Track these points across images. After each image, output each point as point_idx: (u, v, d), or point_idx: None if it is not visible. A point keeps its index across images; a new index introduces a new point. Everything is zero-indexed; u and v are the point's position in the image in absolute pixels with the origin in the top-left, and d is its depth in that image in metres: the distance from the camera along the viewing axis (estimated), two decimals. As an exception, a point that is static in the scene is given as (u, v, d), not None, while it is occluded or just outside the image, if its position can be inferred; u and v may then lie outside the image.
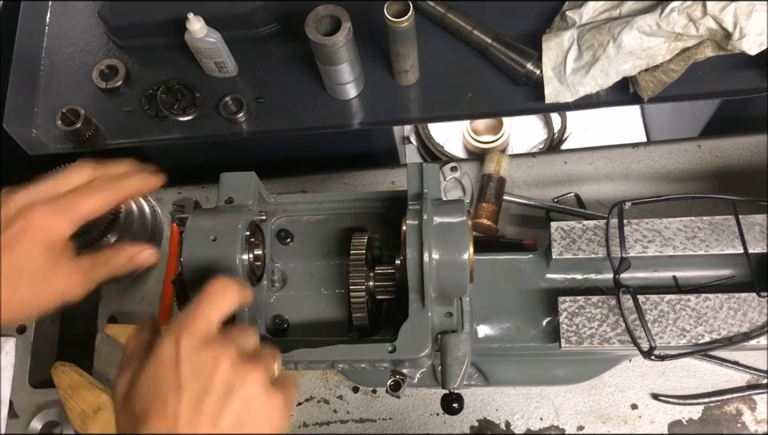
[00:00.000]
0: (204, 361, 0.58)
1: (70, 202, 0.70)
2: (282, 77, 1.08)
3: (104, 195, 0.72)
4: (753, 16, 0.89)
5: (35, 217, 0.67)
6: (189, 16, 0.97)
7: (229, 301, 0.64)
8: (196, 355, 0.58)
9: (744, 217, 0.88)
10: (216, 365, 0.58)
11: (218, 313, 0.62)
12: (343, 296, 0.84)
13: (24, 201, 0.69)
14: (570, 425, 1.00)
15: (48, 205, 0.69)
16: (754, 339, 0.84)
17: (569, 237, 0.91)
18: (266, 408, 0.59)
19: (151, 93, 1.08)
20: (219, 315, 0.63)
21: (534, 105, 1.02)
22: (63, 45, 1.15)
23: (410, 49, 0.98)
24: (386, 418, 1.03)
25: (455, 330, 0.79)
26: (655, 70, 0.96)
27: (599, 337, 0.87)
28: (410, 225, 0.74)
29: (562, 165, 1.15)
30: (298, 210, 0.87)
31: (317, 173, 1.20)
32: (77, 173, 0.73)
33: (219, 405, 0.56)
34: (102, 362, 1.12)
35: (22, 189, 0.70)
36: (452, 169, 1.15)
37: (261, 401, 0.59)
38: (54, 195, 0.70)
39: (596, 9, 0.99)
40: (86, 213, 0.70)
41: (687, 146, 1.13)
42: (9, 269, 0.65)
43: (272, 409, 0.59)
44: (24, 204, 0.68)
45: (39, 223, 0.67)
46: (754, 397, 0.97)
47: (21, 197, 0.69)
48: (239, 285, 0.65)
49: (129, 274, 1.13)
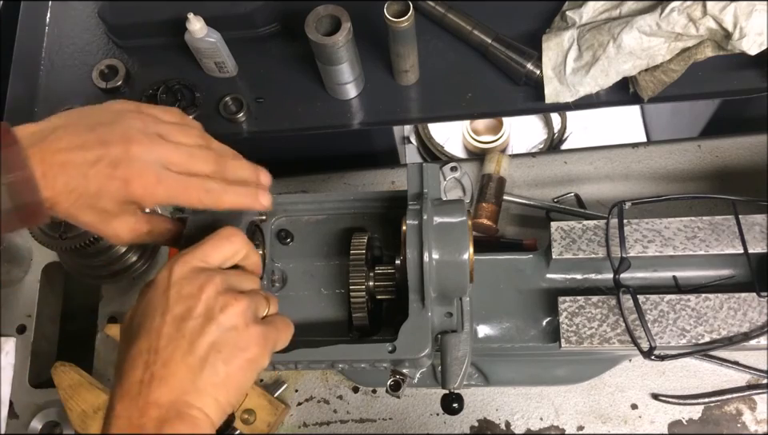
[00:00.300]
0: (191, 287, 0.61)
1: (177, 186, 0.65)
2: (282, 77, 1.08)
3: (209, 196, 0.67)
4: (753, 16, 0.89)
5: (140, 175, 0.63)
6: (189, 16, 0.97)
7: (230, 246, 0.67)
8: (185, 281, 0.62)
9: (744, 217, 0.88)
10: (200, 293, 0.61)
11: (216, 254, 0.65)
12: (343, 296, 0.84)
13: (157, 156, 0.64)
14: (570, 424, 1.00)
15: (162, 175, 0.64)
16: (753, 339, 0.84)
17: (569, 237, 0.91)
18: (242, 338, 0.62)
19: (151, 93, 1.08)
20: (218, 256, 0.66)
21: (534, 105, 1.02)
22: (63, 45, 1.16)
23: (410, 49, 0.98)
24: (385, 418, 1.03)
25: (455, 330, 0.79)
26: (655, 70, 0.96)
27: (599, 337, 0.87)
28: (409, 225, 0.74)
29: (561, 165, 1.15)
30: (298, 210, 0.87)
31: (317, 173, 1.20)
32: (203, 157, 0.68)
33: (198, 329, 0.60)
34: (102, 362, 1.12)
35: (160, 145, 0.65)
36: (452, 169, 1.15)
37: (238, 331, 0.61)
38: (171, 162, 0.65)
39: (596, 9, 0.99)
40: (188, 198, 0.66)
41: (687, 146, 1.13)
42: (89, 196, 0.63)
43: (248, 341, 0.62)
44: (155, 159, 0.64)
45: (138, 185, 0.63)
46: (754, 397, 0.97)
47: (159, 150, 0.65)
48: (243, 236, 0.68)
49: (128, 274, 1.13)
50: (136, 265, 1.13)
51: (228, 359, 0.60)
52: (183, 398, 0.58)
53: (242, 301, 0.63)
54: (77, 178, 0.61)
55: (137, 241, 0.71)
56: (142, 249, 1.13)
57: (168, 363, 0.58)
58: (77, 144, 0.62)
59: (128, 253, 1.11)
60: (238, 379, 0.61)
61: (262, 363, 0.64)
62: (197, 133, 0.70)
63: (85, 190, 0.62)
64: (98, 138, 0.62)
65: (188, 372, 0.59)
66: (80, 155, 0.61)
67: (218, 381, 0.60)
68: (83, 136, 0.62)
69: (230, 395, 0.61)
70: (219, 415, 0.60)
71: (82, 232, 1.00)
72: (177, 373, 0.58)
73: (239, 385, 0.62)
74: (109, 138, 0.62)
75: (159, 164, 0.64)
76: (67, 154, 0.61)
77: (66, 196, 0.62)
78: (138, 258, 1.13)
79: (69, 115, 0.65)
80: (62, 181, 0.61)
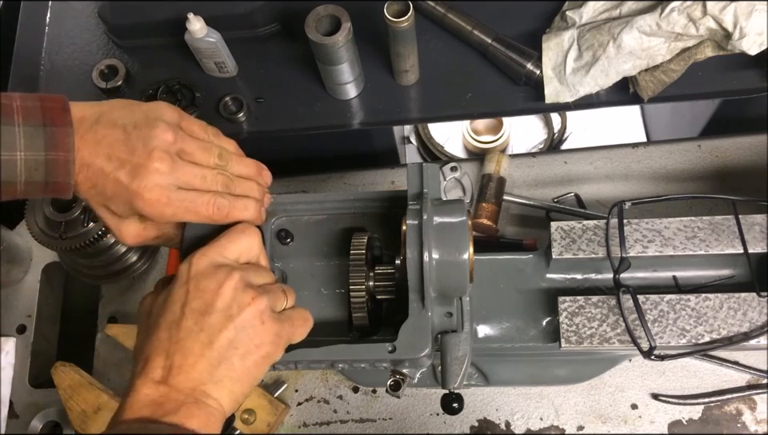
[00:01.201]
0: (209, 283, 0.64)
1: (186, 206, 0.67)
2: (282, 77, 1.08)
3: (218, 213, 0.70)
4: (753, 16, 0.89)
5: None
6: (189, 16, 0.97)
7: (247, 239, 0.70)
8: (204, 277, 0.65)
9: (744, 217, 0.88)
10: (219, 289, 0.64)
11: (233, 248, 0.69)
12: (343, 296, 0.84)
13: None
14: (570, 425, 1.00)
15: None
16: (753, 339, 0.84)
17: (569, 237, 0.91)
18: (258, 335, 0.65)
19: (151, 93, 1.08)
20: (235, 250, 0.69)
21: (534, 105, 1.02)
22: (63, 45, 1.15)
23: (410, 49, 0.98)
24: (386, 418, 1.03)
25: (455, 330, 0.79)
26: (655, 70, 0.96)
27: (599, 337, 0.87)
28: (409, 225, 0.74)
29: (562, 165, 1.15)
30: (298, 210, 0.87)
31: (317, 173, 1.20)
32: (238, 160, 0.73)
33: (217, 325, 0.63)
34: (102, 362, 1.12)
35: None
36: (452, 169, 1.15)
37: (255, 329, 0.65)
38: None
39: (596, 9, 0.99)
40: (197, 215, 0.69)
41: (687, 146, 1.13)
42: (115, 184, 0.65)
43: (263, 338, 0.65)
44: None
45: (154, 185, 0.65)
46: (754, 397, 0.97)
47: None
48: (256, 230, 0.72)
49: (128, 274, 1.13)
50: (136, 265, 1.13)
51: (244, 355, 0.64)
52: (201, 388, 0.62)
53: (259, 300, 0.65)
54: (98, 176, 0.65)
55: (143, 244, 0.74)
56: (142, 249, 1.13)
57: (188, 355, 0.62)
58: (108, 142, 0.65)
59: (128, 253, 1.11)
60: (253, 373, 0.65)
61: (275, 357, 0.67)
62: (225, 153, 0.72)
63: (102, 190, 0.66)
64: (127, 145, 0.65)
65: (207, 364, 0.62)
66: (107, 156, 0.65)
67: (234, 376, 0.63)
68: (116, 136, 0.65)
69: (244, 387, 0.65)
70: (232, 406, 0.64)
71: (82, 232, 1.00)
72: (196, 365, 0.62)
73: (253, 379, 0.66)
74: (136, 147, 0.65)
75: (173, 184, 0.67)
76: (98, 151, 0.65)
77: (87, 187, 0.66)
78: (138, 258, 1.13)
79: (114, 106, 0.68)
80: (86, 174, 0.65)
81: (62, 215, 1.01)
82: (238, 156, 0.74)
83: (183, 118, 0.70)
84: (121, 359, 1.11)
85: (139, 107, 0.68)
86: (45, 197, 0.66)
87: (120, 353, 1.11)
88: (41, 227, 1.01)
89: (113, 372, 1.11)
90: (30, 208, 1.03)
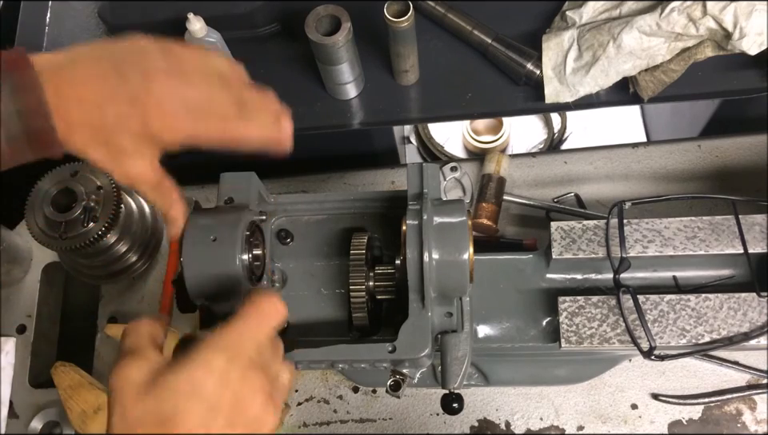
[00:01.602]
0: (245, 390, 0.58)
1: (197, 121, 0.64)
2: (282, 77, 1.08)
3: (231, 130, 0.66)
4: (753, 16, 0.89)
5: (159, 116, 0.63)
6: (189, 16, 0.97)
7: (276, 321, 0.62)
8: (240, 381, 0.57)
9: (744, 217, 0.88)
10: (254, 399, 0.58)
11: (265, 334, 0.61)
12: (343, 296, 0.84)
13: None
14: (570, 425, 1.00)
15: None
16: (753, 339, 0.84)
17: (569, 237, 0.91)
18: (264, 428, 0.59)
19: (151, 93, 1.08)
20: (266, 336, 0.61)
21: (534, 105, 1.02)
22: (63, 45, 1.15)
23: (410, 49, 0.98)
24: (386, 418, 1.03)
25: (455, 330, 0.79)
26: (655, 70, 0.96)
27: (599, 337, 0.87)
28: (409, 225, 0.74)
29: (562, 165, 1.15)
30: (298, 210, 0.87)
31: (317, 173, 1.20)
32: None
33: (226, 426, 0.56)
34: (102, 362, 1.12)
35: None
36: (452, 169, 1.15)
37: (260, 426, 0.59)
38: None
39: (596, 9, 0.99)
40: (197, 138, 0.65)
41: (687, 146, 1.13)
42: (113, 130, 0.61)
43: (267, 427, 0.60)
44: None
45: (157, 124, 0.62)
46: (754, 397, 0.97)
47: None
48: (283, 304, 0.63)
49: (128, 274, 1.13)
50: (136, 265, 1.13)
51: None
52: None
53: (279, 406, 0.60)
54: (92, 111, 0.60)
55: (143, 189, 0.68)
56: (142, 249, 1.13)
57: None
58: (95, 76, 0.60)
59: (128, 253, 1.11)
60: None
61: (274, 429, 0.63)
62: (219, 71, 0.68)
63: (100, 124, 0.60)
64: (118, 73, 0.61)
65: None
66: (97, 88, 0.60)
67: None
68: (103, 69, 0.61)
69: None
70: None
71: (82, 232, 1.00)
72: None
73: None
74: (129, 73, 0.61)
75: (178, 101, 0.63)
76: (84, 86, 0.60)
77: (80, 129, 0.60)
78: (138, 258, 1.12)
79: (90, 47, 0.63)
80: (77, 113, 0.60)
81: (61, 215, 1.01)
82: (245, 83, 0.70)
83: (166, 45, 0.66)
84: (121, 359, 1.11)
85: (116, 42, 0.64)
86: (37, 156, 0.60)
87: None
88: (41, 227, 1.01)
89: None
90: (30, 208, 1.03)
